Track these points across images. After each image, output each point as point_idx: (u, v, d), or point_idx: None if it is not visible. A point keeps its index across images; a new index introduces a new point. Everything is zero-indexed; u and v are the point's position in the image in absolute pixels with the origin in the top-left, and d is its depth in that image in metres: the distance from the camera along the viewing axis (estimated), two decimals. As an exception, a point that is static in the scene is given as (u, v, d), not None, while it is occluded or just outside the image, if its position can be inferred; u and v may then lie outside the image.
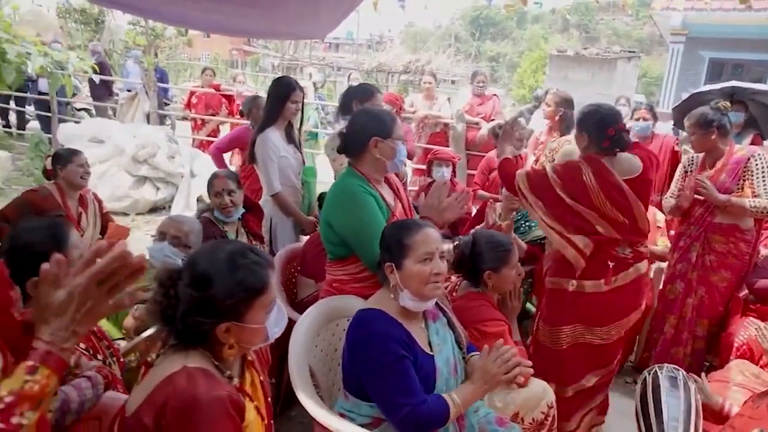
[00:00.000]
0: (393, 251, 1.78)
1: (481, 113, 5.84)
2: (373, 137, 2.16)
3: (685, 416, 2.26)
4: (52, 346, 0.94)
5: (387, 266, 1.78)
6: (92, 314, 0.98)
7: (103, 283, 0.95)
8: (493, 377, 1.70)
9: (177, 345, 1.30)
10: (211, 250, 1.37)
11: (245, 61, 27.45)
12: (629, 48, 16.19)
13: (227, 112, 8.00)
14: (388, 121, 2.20)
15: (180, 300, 1.30)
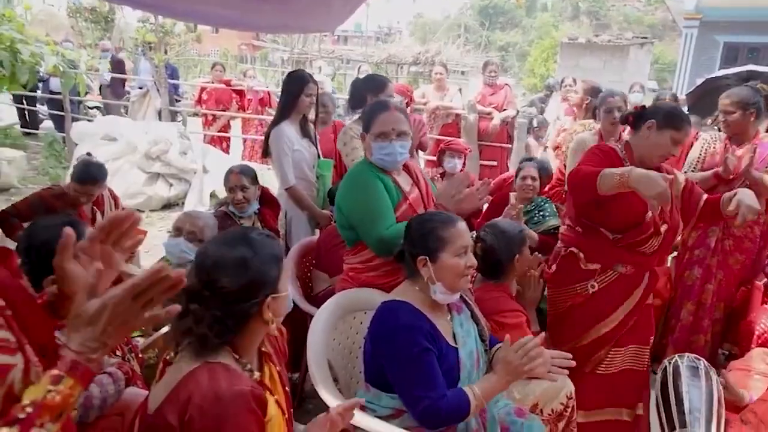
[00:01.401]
0: (428, 244, 1.76)
1: (493, 103, 5.80)
2: (361, 132, 2.25)
3: (707, 406, 2.24)
4: (80, 355, 0.91)
5: (420, 260, 1.75)
6: (125, 327, 0.95)
7: (139, 297, 0.93)
8: (516, 369, 1.68)
9: (195, 341, 1.29)
10: (225, 239, 1.38)
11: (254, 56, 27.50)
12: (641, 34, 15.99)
13: (238, 107, 8.03)
14: (367, 118, 2.23)
15: (214, 299, 1.28)
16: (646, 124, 2.36)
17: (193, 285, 1.27)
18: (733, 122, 3.18)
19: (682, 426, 2.19)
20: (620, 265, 2.43)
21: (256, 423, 1.24)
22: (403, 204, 2.19)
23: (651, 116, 2.36)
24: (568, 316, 2.53)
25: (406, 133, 2.20)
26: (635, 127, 2.42)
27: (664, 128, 2.31)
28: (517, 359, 1.67)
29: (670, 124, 2.30)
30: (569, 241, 2.54)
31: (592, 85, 4.23)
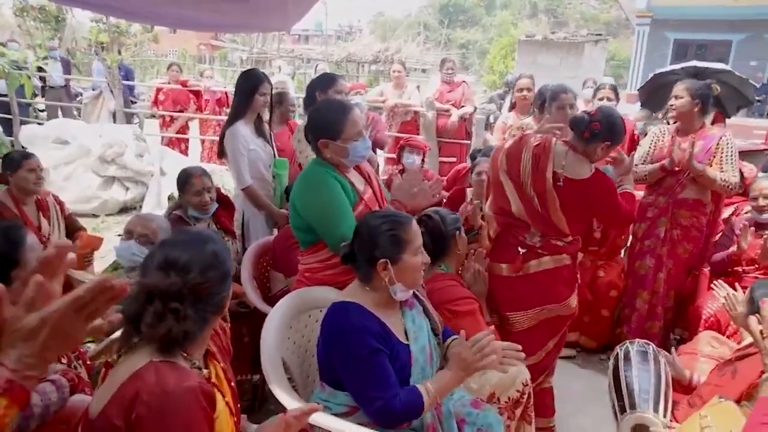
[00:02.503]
0: (389, 246, 1.75)
1: (451, 100, 5.85)
2: (321, 139, 2.17)
3: (655, 388, 2.32)
4: (16, 374, 0.85)
5: (381, 263, 1.73)
6: (66, 341, 0.90)
7: (81, 309, 0.88)
8: (470, 365, 1.71)
9: (139, 342, 1.27)
10: (186, 238, 1.39)
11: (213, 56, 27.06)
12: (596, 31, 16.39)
13: (196, 108, 7.90)
14: (336, 122, 2.16)
15: (190, 297, 1.27)
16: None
17: (172, 285, 1.26)
18: (679, 107, 3.30)
19: (632, 408, 2.27)
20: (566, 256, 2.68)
21: (206, 419, 1.23)
22: (359, 204, 2.20)
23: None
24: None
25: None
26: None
27: (607, 142, 2.53)
28: (471, 355, 1.69)
29: (617, 141, 2.55)
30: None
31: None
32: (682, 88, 3.31)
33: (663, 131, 3.49)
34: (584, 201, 2.54)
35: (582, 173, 2.50)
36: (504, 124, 4.50)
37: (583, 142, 2.52)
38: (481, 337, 1.70)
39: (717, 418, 1.36)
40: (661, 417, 2.19)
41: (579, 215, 2.60)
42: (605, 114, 2.54)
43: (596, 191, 2.51)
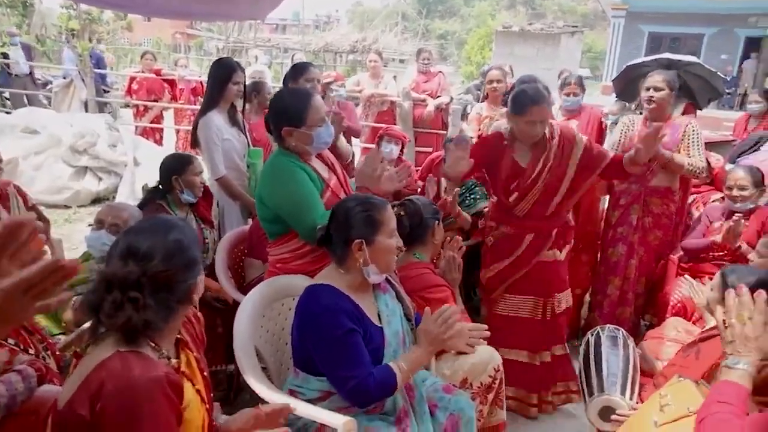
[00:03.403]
0: (364, 227, 1.78)
1: (427, 90, 5.85)
2: (285, 127, 2.16)
3: (623, 372, 2.38)
4: None
5: (356, 243, 1.76)
6: (12, 319, 0.91)
7: (29, 290, 0.88)
8: (436, 338, 1.75)
9: (107, 333, 1.27)
10: (150, 225, 1.37)
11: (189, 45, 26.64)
12: (573, 23, 16.54)
13: (170, 97, 7.78)
14: (300, 109, 2.16)
15: (152, 286, 1.26)
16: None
17: (130, 274, 1.24)
18: (659, 99, 3.36)
19: (600, 391, 2.32)
20: (503, 225, 2.88)
21: (172, 409, 1.23)
22: (326, 191, 2.21)
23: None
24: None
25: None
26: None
27: (515, 115, 2.66)
28: (436, 328, 1.74)
29: (516, 111, 2.65)
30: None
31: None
32: (661, 79, 3.36)
33: (632, 121, 3.56)
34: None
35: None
36: (478, 115, 4.53)
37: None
38: (445, 310, 1.75)
39: (675, 396, 1.41)
40: (628, 399, 2.25)
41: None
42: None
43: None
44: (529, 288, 2.87)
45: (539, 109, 2.60)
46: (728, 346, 1.30)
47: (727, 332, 1.31)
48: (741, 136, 5.32)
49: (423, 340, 1.79)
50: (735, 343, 1.29)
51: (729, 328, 1.31)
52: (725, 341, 1.31)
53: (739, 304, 1.32)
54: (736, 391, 1.22)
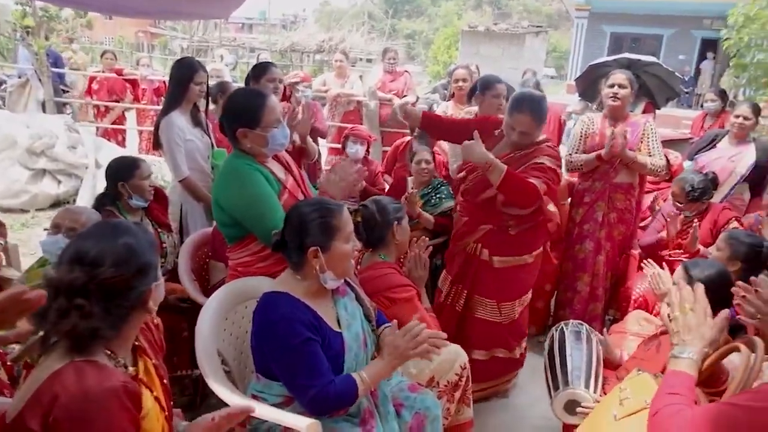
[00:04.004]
0: (320, 234, 1.74)
1: (393, 90, 5.86)
2: (239, 129, 2.12)
3: (587, 365, 2.42)
4: None
5: (312, 250, 1.72)
6: None
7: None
8: (402, 353, 1.74)
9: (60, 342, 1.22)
10: (101, 230, 1.32)
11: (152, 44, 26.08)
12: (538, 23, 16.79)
13: (132, 98, 7.60)
14: (254, 110, 2.12)
15: (101, 293, 1.22)
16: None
17: (76, 280, 1.19)
18: (623, 97, 3.43)
19: (565, 384, 2.36)
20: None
21: (129, 420, 1.19)
22: (284, 193, 2.18)
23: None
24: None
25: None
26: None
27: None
28: (404, 343, 1.73)
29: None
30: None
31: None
32: (624, 78, 3.43)
33: (592, 119, 3.62)
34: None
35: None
36: (444, 114, 4.55)
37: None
38: (413, 326, 1.73)
39: (634, 390, 1.44)
40: (592, 392, 2.29)
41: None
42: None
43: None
44: (490, 292, 2.87)
45: (520, 117, 2.60)
46: (675, 336, 1.35)
47: (673, 324, 1.36)
48: (698, 134, 5.49)
49: (389, 354, 1.76)
50: (680, 333, 1.33)
51: (674, 320, 1.36)
52: (672, 332, 1.35)
53: (681, 297, 1.37)
54: (684, 380, 1.25)
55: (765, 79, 6.05)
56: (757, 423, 1.06)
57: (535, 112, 2.62)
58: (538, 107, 2.64)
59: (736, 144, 4.11)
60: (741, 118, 4.07)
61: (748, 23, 6.09)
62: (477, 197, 2.79)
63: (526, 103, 2.61)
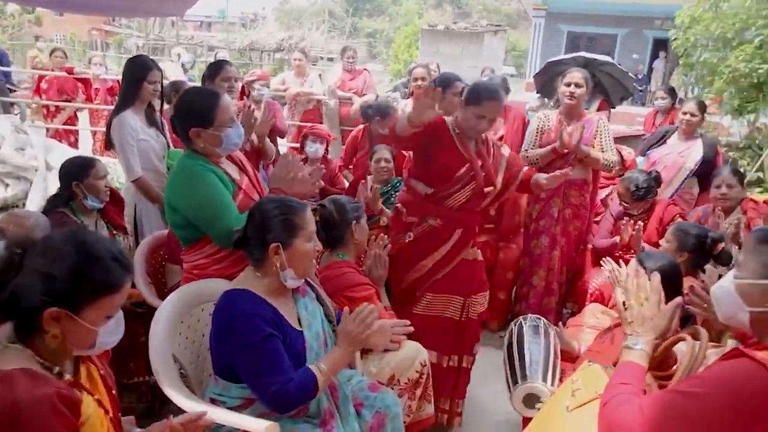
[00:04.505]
0: (281, 231, 1.73)
1: (353, 88, 5.85)
2: (192, 128, 2.08)
3: (545, 359, 2.47)
4: None
5: (273, 247, 1.71)
6: None
7: None
8: (355, 337, 1.75)
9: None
10: (79, 232, 1.30)
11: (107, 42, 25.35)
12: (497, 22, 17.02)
13: (85, 98, 7.36)
14: (207, 109, 2.09)
15: (21, 270, 1.20)
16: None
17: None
18: (579, 95, 3.50)
19: (524, 378, 2.40)
20: (431, 218, 2.69)
21: (65, 426, 1.17)
22: (238, 193, 2.15)
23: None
24: (395, 261, 2.71)
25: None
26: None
27: (467, 105, 2.60)
28: (354, 327, 1.74)
29: (470, 101, 2.59)
30: (399, 199, 2.86)
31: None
32: (581, 77, 3.50)
33: (547, 116, 3.69)
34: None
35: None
36: (403, 112, 4.57)
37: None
38: (362, 309, 1.74)
39: (585, 381, 1.48)
40: (549, 386, 2.34)
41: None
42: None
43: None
44: (453, 287, 2.75)
45: (492, 105, 2.59)
46: (628, 326, 1.38)
47: (627, 313, 1.39)
48: (650, 131, 5.66)
49: (342, 341, 1.77)
50: (634, 324, 1.37)
51: (629, 309, 1.39)
52: (626, 322, 1.39)
53: (637, 287, 1.41)
54: (635, 371, 1.29)
55: (710, 78, 6.29)
56: (698, 408, 1.10)
57: (502, 97, 2.70)
58: (502, 93, 2.72)
59: (685, 140, 4.25)
60: (688, 115, 4.21)
61: (693, 24, 6.32)
62: (479, 203, 2.77)
63: (493, 90, 2.64)
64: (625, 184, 3.58)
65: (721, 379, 1.12)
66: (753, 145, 6.59)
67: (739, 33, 5.95)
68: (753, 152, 6.51)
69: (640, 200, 3.54)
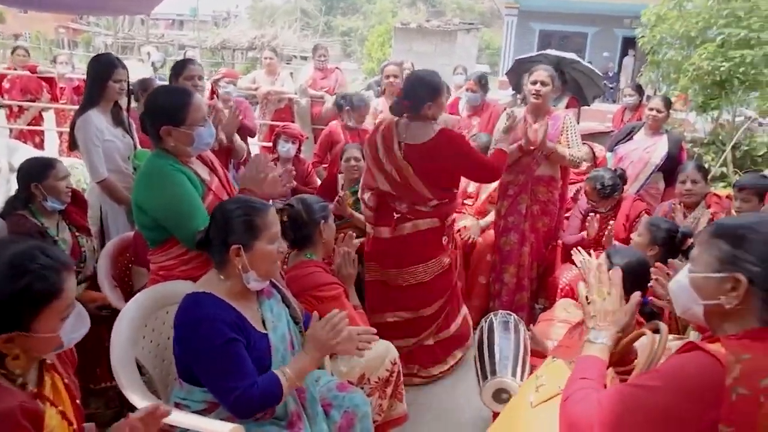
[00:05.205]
0: (243, 232, 1.70)
1: (325, 87, 5.81)
2: (163, 126, 2.05)
3: (515, 354, 2.50)
4: None
5: (234, 249, 1.68)
6: None
7: None
8: (324, 344, 1.73)
9: None
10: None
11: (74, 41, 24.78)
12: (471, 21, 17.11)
13: (50, 98, 7.17)
14: (179, 108, 2.06)
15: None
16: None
17: None
18: (545, 93, 3.53)
19: (494, 374, 2.42)
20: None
21: None
22: (208, 194, 2.12)
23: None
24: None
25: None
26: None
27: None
28: (324, 334, 1.72)
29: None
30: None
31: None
32: (546, 75, 3.53)
33: (515, 113, 3.72)
34: (433, 162, 2.85)
35: (422, 137, 2.84)
36: (375, 110, 4.57)
37: (412, 112, 2.88)
38: (333, 315, 1.72)
39: (550, 376, 1.49)
40: (519, 380, 2.36)
41: (435, 177, 2.90)
42: (407, 86, 2.95)
43: (442, 149, 2.83)
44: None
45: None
46: (591, 320, 1.39)
47: (590, 306, 1.40)
48: (619, 127, 5.77)
49: (310, 347, 1.75)
50: (596, 318, 1.38)
51: (591, 303, 1.40)
52: (588, 316, 1.40)
53: (599, 281, 1.42)
54: (596, 365, 1.30)
55: (675, 75, 6.42)
56: (654, 400, 1.11)
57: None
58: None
59: (651, 135, 4.34)
60: (654, 111, 4.31)
61: (659, 23, 6.45)
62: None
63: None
64: (591, 183, 3.63)
65: (675, 371, 1.14)
66: (717, 141, 6.76)
67: (702, 32, 6.09)
68: (717, 148, 6.67)
69: (606, 198, 3.60)
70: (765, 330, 1.15)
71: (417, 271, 3.01)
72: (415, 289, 3.03)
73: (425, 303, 3.07)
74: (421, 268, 3.01)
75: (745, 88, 6.06)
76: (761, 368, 1.06)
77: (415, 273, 3.01)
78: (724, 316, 1.20)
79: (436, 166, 2.87)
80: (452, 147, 2.84)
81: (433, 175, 2.88)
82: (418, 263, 3.00)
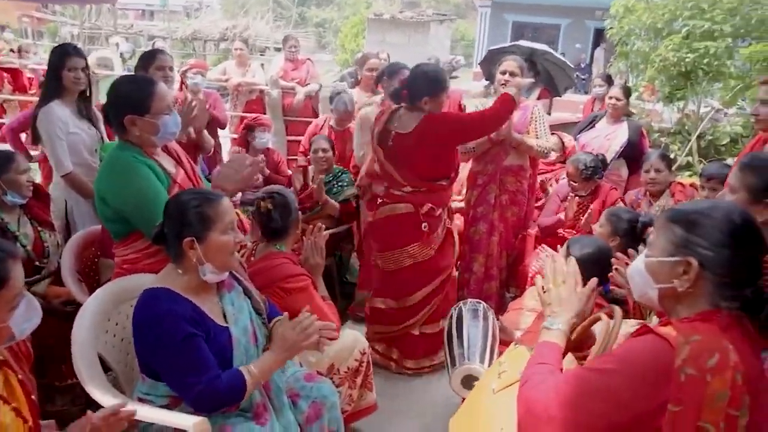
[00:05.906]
0: (194, 224, 1.68)
1: (296, 78, 5.75)
2: (127, 116, 2.02)
3: (483, 341, 2.53)
4: None
5: (187, 241, 1.66)
6: None
7: None
8: (293, 345, 1.72)
9: None
10: None
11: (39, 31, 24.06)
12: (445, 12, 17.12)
13: (12, 89, 7.00)
14: (143, 96, 2.03)
15: None
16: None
17: None
18: (516, 84, 3.55)
19: (462, 360, 2.45)
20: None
21: None
22: (173, 187, 2.09)
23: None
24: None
25: None
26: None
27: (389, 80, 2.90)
28: (294, 335, 1.71)
29: (391, 76, 2.94)
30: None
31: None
32: (516, 65, 3.53)
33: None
34: (417, 149, 2.92)
35: (409, 126, 2.91)
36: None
37: (409, 103, 2.96)
38: (304, 318, 1.72)
39: (512, 362, 1.52)
40: (486, 367, 2.39)
41: (413, 164, 2.96)
42: (410, 76, 3.02)
43: (427, 135, 2.89)
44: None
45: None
46: (547, 308, 1.42)
47: (546, 296, 1.43)
48: (587, 117, 5.84)
49: (279, 347, 1.74)
50: (552, 305, 1.41)
51: (547, 292, 1.43)
52: (545, 304, 1.43)
53: (555, 270, 1.45)
54: (552, 350, 1.33)
55: (643, 66, 6.54)
56: (608, 383, 1.14)
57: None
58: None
59: (612, 123, 4.45)
60: (614, 99, 4.42)
61: (627, 14, 6.57)
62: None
63: (397, 64, 3.02)
64: (574, 164, 3.70)
65: (627, 354, 1.17)
66: (683, 131, 6.90)
67: (668, 23, 6.21)
68: (683, 137, 6.82)
69: (588, 179, 3.66)
70: (714, 312, 1.18)
71: (395, 257, 3.08)
72: (396, 275, 3.11)
73: (407, 291, 3.12)
74: (397, 253, 3.07)
75: (709, 79, 6.21)
76: (708, 349, 1.10)
77: (394, 258, 3.08)
78: (677, 299, 1.23)
79: (421, 153, 2.94)
80: (439, 128, 2.92)
81: (413, 162, 2.96)
82: (394, 248, 3.07)
